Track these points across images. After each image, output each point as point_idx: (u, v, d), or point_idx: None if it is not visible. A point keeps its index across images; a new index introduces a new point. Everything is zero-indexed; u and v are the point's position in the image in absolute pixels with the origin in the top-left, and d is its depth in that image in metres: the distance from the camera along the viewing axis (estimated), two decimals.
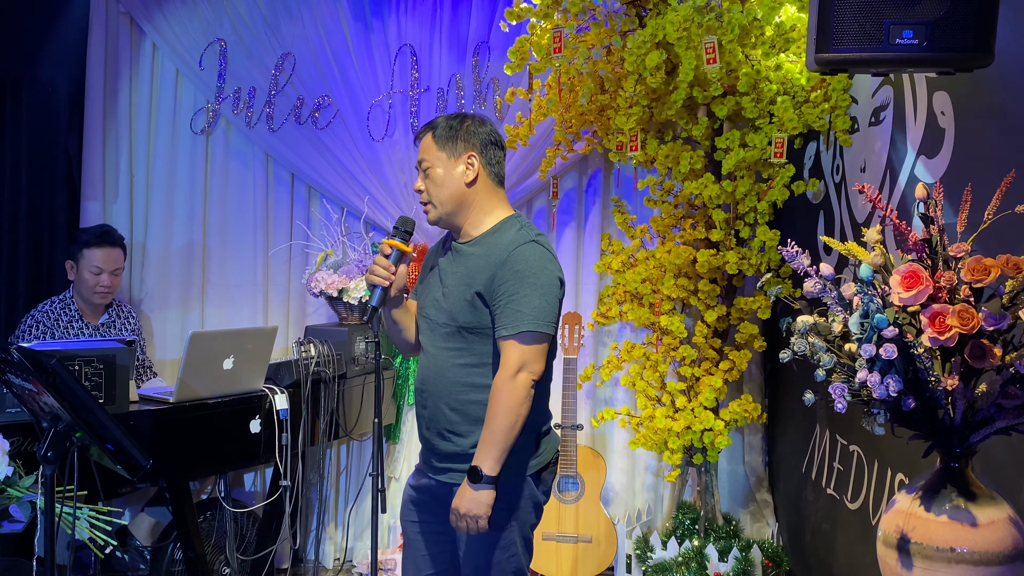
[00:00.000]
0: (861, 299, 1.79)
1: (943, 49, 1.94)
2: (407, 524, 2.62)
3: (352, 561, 4.36)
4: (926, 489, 1.81)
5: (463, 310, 2.42)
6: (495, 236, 2.47)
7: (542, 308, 2.36)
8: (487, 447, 2.33)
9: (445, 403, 2.46)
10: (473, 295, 2.41)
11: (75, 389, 2.14)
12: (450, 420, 2.46)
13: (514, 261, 2.38)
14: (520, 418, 2.35)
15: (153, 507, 3.72)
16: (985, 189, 1.89)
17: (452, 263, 2.51)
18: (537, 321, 2.35)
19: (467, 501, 2.34)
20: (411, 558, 2.62)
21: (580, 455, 3.91)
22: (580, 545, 3.89)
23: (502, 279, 2.38)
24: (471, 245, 2.49)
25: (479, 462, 2.34)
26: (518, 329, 2.34)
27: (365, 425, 3.97)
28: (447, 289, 2.48)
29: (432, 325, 2.51)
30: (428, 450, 2.55)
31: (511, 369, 2.34)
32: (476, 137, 2.47)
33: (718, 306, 3.78)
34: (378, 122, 4.33)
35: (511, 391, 2.33)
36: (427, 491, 2.57)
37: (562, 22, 3.60)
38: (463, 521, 2.36)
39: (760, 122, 3.52)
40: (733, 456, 4.22)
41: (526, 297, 2.35)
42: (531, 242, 2.43)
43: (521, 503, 2.46)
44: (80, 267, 3.74)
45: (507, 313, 2.36)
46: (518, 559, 2.49)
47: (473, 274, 2.43)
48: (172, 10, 4.35)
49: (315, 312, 4.45)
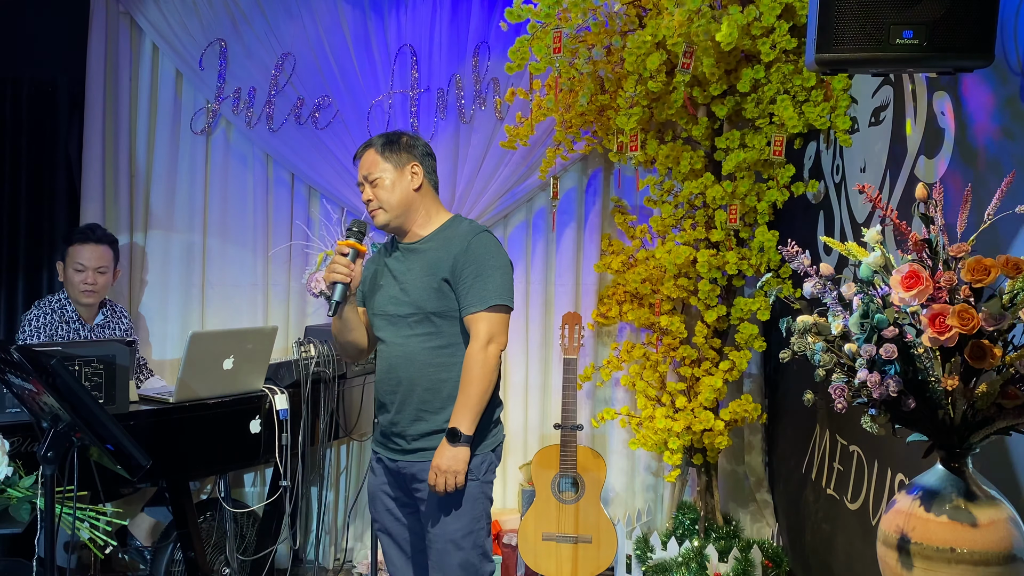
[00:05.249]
0: (861, 299, 1.79)
1: (943, 49, 1.94)
2: (382, 514, 2.78)
3: (352, 561, 4.36)
4: (926, 489, 1.81)
5: (430, 298, 2.63)
6: (447, 231, 2.71)
7: (504, 285, 2.63)
8: (463, 410, 2.56)
9: (419, 385, 2.64)
10: (440, 282, 2.63)
11: (75, 389, 2.14)
12: (424, 400, 2.64)
13: (474, 247, 2.63)
14: (491, 384, 2.60)
15: (153, 507, 3.72)
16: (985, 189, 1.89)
17: (404, 261, 2.72)
18: (502, 295, 2.61)
19: (447, 459, 2.54)
20: (395, 545, 2.78)
21: (580, 455, 3.91)
22: (580, 545, 3.89)
23: (464, 263, 2.61)
24: (423, 242, 2.72)
25: (457, 423, 2.56)
26: (486, 304, 2.59)
27: (365, 425, 3.97)
28: (405, 284, 2.68)
29: (393, 319, 2.70)
30: (396, 435, 2.70)
31: (482, 340, 2.58)
32: (415, 149, 2.74)
33: (718, 306, 3.78)
34: (378, 122, 4.33)
35: (484, 360, 2.57)
36: (395, 474, 2.73)
37: (562, 22, 3.61)
38: (443, 477, 2.54)
39: (760, 122, 3.52)
40: (733, 456, 4.22)
41: (490, 277, 2.61)
42: (485, 231, 2.69)
43: (488, 476, 2.68)
44: (66, 265, 3.74)
45: (474, 291, 2.60)
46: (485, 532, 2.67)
47: (435, 264, 2.65)
48: (172, 10, 4.35)
49: (315, 312, 4.45)
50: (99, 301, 3.81)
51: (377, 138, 2.76)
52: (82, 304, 3.75)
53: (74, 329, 3.73)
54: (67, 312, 3.73)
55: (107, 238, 3.81)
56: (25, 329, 3.68)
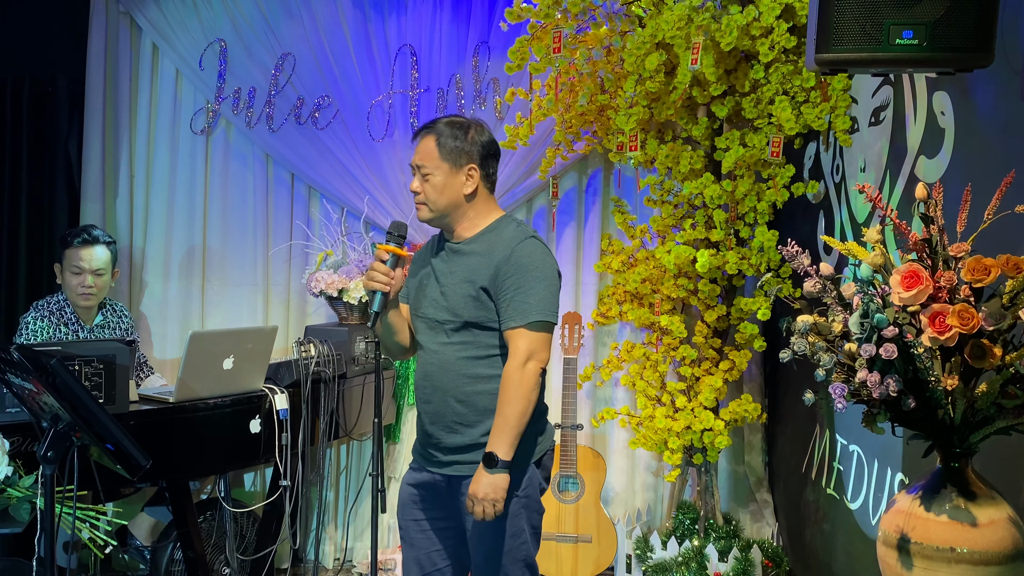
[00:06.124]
0: (861, 299, 1.79)
1: (943, 49, 1.94)
2: (409, 523, 2.63)
3: (352, 561, 4.36)
4: (926, 489, 1.81)
5: (467, 306, 2.49)
6: (493, 234, 2.54)
7: (547, 299, 2.47)
8: (501, 433, 2.40)
9: (452, 396, 2.51)
10: (478, 290, 2.48)
11: (75, 389, 2.13)
12: (458, 412, 2.51)
13: (518, 255, 2.47)
14: (531, 404, 2.43)
15: (153, 507, 3.72)
16: (985, 189, 1.89)
17: (448, 263, 2.57)
18: (544, 311, 2.46)
19: (484, 486, 2.40)
20: (414, 558, 2.63)
21: (580, 455, 3.91)
22: (580, 545, 3.89)
23: (507, 273, 2.46)
24: (468, 244, 2.55)
25: (494, 448, 2.40)
26: (527, 319, 2.44)
27: (365, 425, 3.97)
28: (445, 288, 2.53)
29: (431, 324, 2.56)
30: (431, 445, 2.58)
31: (521, 358, 2.43)
32: (477, 149, 2.52)
33: (718, 306, 3.78)
34: (378, 122, 4.33)
35: (522, 379, 2.42)
36: (430, 487, 2.59)
37: (562, 22, 3.61)
38: (480, 506, 2.40)
39: (760, 122, 3.52)
40: (733, 456, 4.22)
41: (532, 289, 2.45)
42: (531, 238, 2.53)
43: (529, 491, 2.52)
44: (63, 268, 3.71)
45: (515, 305, 2.44)
46: (527, 546, 2.53)
47: (475, 270, 2.50)
48: (172, 10, 4.35)
49: (315, 312, 4.45)
50: (98, 303, 3.80)
51: (443, 124, 2.53)
52: (80, 306, 3.73)
53: (73, 331, 3.72)
54: (66, 314, 3.72)
55: (104, 239, 3.77)
56: (23, 332, 3.66)
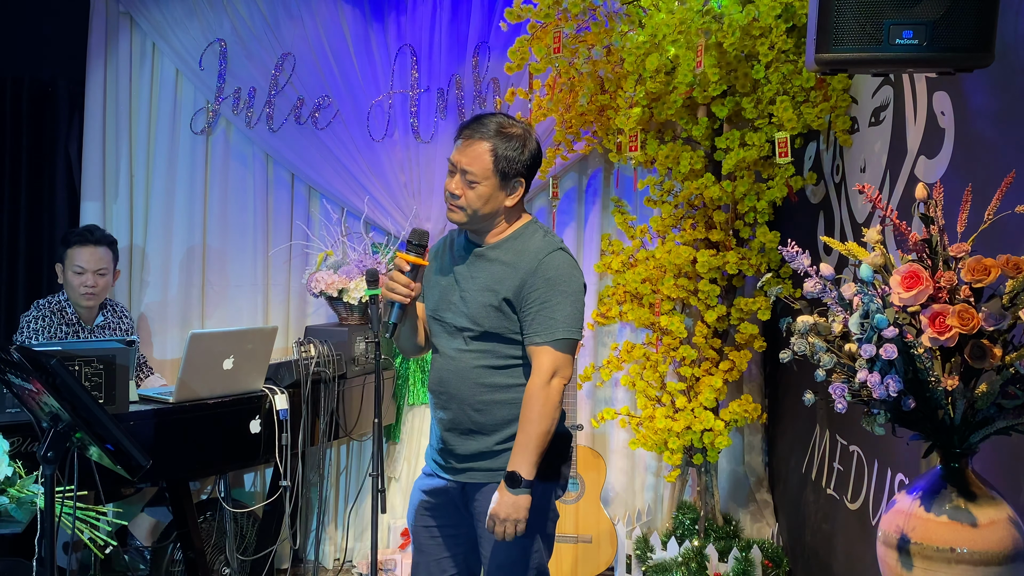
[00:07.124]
0: (861, 299, 1.79)
1: (943, 49, 1.94)
2: (419, 529, 2.60)
3: (352, 561, 4.36)
4: (926, 489, 1.81)
5: (488, 315, 2.42)
6: (519, 242, 2.47)
7: (573, 315, 2.40)
8: (524, 452, 2.35)
9: (469, 405, 2.46)
10: (501, 301, 2.41)
11: (75, 389, 2.13)
12: (475, 421, 2.46)
13: (545, 269, 2.40)
14: (554, 422, 2.39)
15: (153, 507, 3.72)
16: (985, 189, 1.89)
17: (471, 268, 2.49)
18: (570, 328, 2.39)
19: (507, 507, 2.35)
20: (424, 563, 2.60)
21: (580, 455, 3.91)
22: (580, 545, 3.89)
23: (533, 286, 2.39)
24: (493, 250, 2.47)
25: (516, 467, 2.35)
26: (553, 337, 2.38)
27: (365, 425, 3.97)
28: (466, 294, 2.46)
29: (449, 328, 2.49)
30: (446, 452, 2.53)
31: (545, 375, 2.37)
32: (527, 161, 2.43)
33: (718, 306, 3.78)
34: (378, 122, 4.33)
35: (547, 397, 2.37)
36: (443, 494, 2.56)
37: (562, 22, 3.61)
38: (502, 526, 2.36)
39: (760, 122, 3.52)
40: (733, 456, 4.22)
41: (559, 305, 2.38)
42: (559, 250, 2.45)
43: (544, 501, 2.49)
44: (65, 267, 3.71)
45: (540, 320, 2.38)
46: (540, 555, 2.51)
47: (499, 280, 2.43)
48: (172, 10, 4.35)
49: (315, 312, 4.45)
50: (99, 303, 3.80)
51: (499, 133, 2.39)
52: (82, 307, 3.73)
53: (74, 331, 3.72)
54: (67, 313, 3.72)
55: (106, 239, 3.78)
56: (24, 331, 3.66)
